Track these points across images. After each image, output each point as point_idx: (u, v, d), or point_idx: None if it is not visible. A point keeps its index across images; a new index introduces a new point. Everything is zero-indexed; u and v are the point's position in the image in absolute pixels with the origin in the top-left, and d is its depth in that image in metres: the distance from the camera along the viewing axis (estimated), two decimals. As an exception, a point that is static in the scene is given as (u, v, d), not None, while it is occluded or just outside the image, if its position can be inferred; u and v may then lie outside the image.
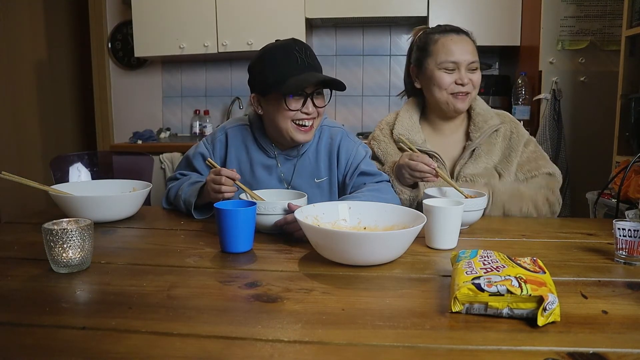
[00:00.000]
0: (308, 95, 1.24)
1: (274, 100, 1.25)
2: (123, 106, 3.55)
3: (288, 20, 2.95)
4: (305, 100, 1.24)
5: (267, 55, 1.25)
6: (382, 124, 1.56)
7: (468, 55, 1.38)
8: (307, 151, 1.37)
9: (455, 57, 1.37)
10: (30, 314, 0.70)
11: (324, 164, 1.37)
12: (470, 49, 1.40)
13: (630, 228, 0.90)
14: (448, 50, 1.38)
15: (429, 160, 1.23)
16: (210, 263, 0.93)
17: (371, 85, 3.38)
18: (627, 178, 1.64)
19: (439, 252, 1.00)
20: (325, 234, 0.89)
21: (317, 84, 1.24)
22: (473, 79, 1.39)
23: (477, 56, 1.41)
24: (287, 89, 1.20)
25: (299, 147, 1.35)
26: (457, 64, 1.38)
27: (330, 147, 1.37)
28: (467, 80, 1.38)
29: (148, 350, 0.59)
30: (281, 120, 1.25)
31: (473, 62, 1.39)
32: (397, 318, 0.68)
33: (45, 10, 3.42)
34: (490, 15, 2.84)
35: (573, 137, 2.58)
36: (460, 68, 1.38)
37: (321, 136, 1.38)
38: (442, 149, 1.45)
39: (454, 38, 1.40)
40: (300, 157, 1.36)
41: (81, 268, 0.87)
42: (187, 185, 1.31)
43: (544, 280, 0.70)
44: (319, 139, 1.38)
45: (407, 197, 1.34)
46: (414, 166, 1.24)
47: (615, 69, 2.23)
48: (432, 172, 1.22)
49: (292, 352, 0.59)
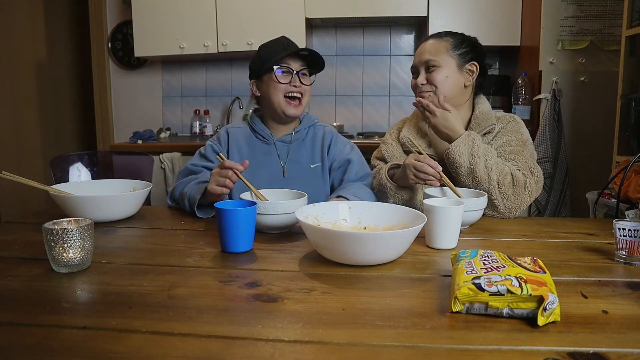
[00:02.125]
0: (295, 72, 1.45)
1: (267, 79, 1.47)
2: (123, 106, 3.55)
3: (288, 20, 2.95)
4: (292, 76, 1.45)
5: (261, 47, 1.52)
6: (392, 129, 1.60)
7: (423, 56, 1.41)
8: (303, 140, 1.55)
9: (414, 62, 1.46)
10: (31, 314, 0.70)
11: (318, 153, 1.54)
12: (428, 49, 1.41)
13: (630, 228, 0.91)
14: (414, 58, 1.47)
15: (434, 164, 1.22)
16: (210, 263, 0.93)
17: (371, 85, 3.38)
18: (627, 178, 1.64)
19: (439, 252, 1.00)
20: (325, 234, 0.89)
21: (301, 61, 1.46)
22: (429, 78, 1.40)
23: (440, 55, 1.39)
24: (274, 61, 1.43)
25: (292, 134, 1.53)
26: (416, 68, 1.44)
27: (323, 140, 1.55)
28: (423, 81, 1.41)
29: (148, 350, 0.59)
30: (273, 94, 1.46)
31: (427, 60, 1.40)
32: (397, 318, 0.68)
33: (45, 10, 3.42)
34: (490, 15, 2.84)
35: (573, 137, 2.58)
36: (420, 71, 1.43)
37: (316, 132, 1.57)
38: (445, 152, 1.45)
39: (420, 45, 1.46)
40: (292, 142, 1.53)
41: (81, 268, 0.87)
42: (194, 183, 1.36)
43: (544, 280, 0.70)
44: (314, 133, 1.57)
45: (399, 200, 1.35)
46: (419, 167, 1.23)
47: (615, 69, 2.24)
48: (437, 176, 1.22)
49: (293, 351, 0.59)
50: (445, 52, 1.40)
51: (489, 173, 1.27)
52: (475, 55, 1.43)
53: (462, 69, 1.41)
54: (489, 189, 1.27)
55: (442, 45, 1.41)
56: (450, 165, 1.31)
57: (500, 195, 1.28)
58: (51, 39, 3.49)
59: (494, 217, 1.32)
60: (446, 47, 1.40)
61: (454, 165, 1.30)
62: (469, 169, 1.28)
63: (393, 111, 3.36)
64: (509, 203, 1.28)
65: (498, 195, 1.28)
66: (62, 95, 3.67)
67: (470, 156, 1.28)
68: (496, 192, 1.28)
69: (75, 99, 3.81)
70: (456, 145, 1.30)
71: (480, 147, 1.29)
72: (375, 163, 1.55)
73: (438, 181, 1.23)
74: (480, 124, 1.42)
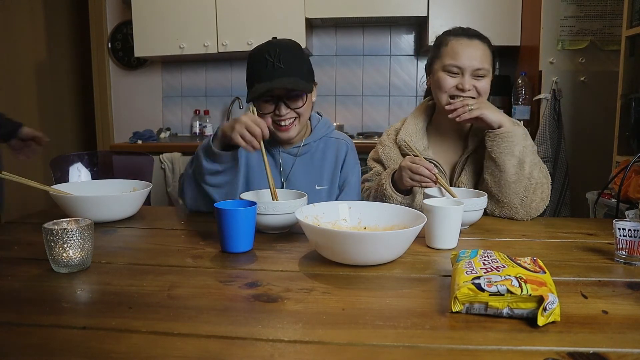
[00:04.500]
0: (280, 99, 1.30)
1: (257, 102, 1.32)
2: (123, 106, 3.56)
3: (288, 20, 2.95)
4: (277, 105, 1.30)
5: (249, 57, 1.35)
6: (390, 130, 1.54)
7: (474, 62, 1.34)
8: (312, 154, 1.41)
9: (460, 61, 1.34)
10: (30, 314, 0.70)
11: (328, 174, 1.41)
12: (479, 55, 1.35)
13: (630, 228, 0.90)
14: (455, 54, 1.35)
15: (430, 166, 1.22)
16: (210, 263, 0.93)
17: (371, 85, 3.38)
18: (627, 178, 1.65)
19: (439, 252, 1.00)
20: (325, 234, 0.89)
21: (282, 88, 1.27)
22: (477, 86, 1.35)
23: (488, 64, 1.36)
24: (251, 95, 1.28)
25: (299, 147, 1.40)
26: (462, 69, 1.34)
27: (336, 159, 1.42)
28: (470, 87, 1.34)
29: (148, 350, 0.59)
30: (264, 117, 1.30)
31: (479, 69, 1.34)
32: (397, 318, 0.68)
33: (45, 10, 3.42)
34: (490, 15, 2.84)
35: (573, 137, 2.58)
36: (465, 73, 1.34)
37: (328, 146, 1.43)
38: (444, 155, 1.44)
39: (464, 42, 1.36)
40: (299, 155, 1.40)
41: (81, 268, 0.87)
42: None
43: (544, 280, 0.70)
44: (325, 147, 1.42)
45: (398, 203, 1.33)
46: (415, 169, 1.23)
47: (615, 69, 2.24)
48: (432, 178, 1.21)
49: (293, 352, 0.59)
50: (489, 61, 1.37)
51: (531, 170, 1.27)
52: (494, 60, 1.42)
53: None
54: (527, 185, 1.26)
55: (488, 52, 1.38)
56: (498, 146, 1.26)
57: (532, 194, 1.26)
58: (51, 39, 3.49)
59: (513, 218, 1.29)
60: (490, 55, 1.38)
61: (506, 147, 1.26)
62: (519, 160, 1.26)
63: (393, 111, 3.36)
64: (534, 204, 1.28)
65: (531, 194, 1.26)
66: (62, 95, 3.67)
67: (523, 147, 1.26)
68: (530, 191, 1.26)
69: (75, 99, 3.80)
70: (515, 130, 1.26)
71: (529, 141, 1.29)
72: (371, 165, 1.52)
73: (434, 183, 1.23)
74: (478, 129, 1.40)
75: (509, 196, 1.27)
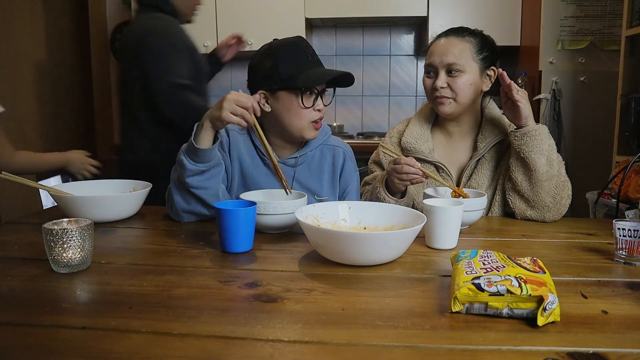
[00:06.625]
0: (319, 93, 1.25)
1: (285, 98, 1.24)
2: (123, 106, 3.55)
3: (288, 20, 2.95)
4: (316, 98, 1.25)
5: (277, 51, 1.23)
6: (392, 132, 1.51)
7: (444, 57, 1.30)
8: (309, 164, 1.36)
9: (432, 59, 1.32)
10: (30, 314, 0.70)
11: (327, 183, 1.36)
12: (453, 50, 1.30)
13: (630, 228, 0.91)
14: (430, 54, 1.34)
15: (412, 162, 1.18)
16: (210, 263, 0.93)
17: (371, 85, 3.38)
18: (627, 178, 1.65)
19: (439, 252, 1.00)
20: (325, 234, 0.89)
21: (330, 80, 1.24)
22: (451, 83, 1.30)
23: (467, 59, 1.30)
24: (306, 82, 1.21)
25: (297, 158, 1.33)
26: (435, 68, 1.32)
27: (334, 168, 1.37)
28: (443, 84, 1.30)
29: (148, 350, 0.59)
30: (295, 118, 1.24)
31: (451, 63, 1.29)
32: (397, 318, 0.68)
33: (45, 10, 3.42)
34: (490, 15, 2.84)
35: (573, 137, 2.58)
36: (439, 72, 1.31)
37: (324, 153, 1.37)
38: (450, 157, 1.41)
39: (441, 41, 1.34)
40: (297, 165, 1.34)
41: (81, 268, 0.87)
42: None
43: (544, 280, 0.70)
44: (322, 155, 1.37)
45: None
46: (399, 170, 1.19)
47: (615, 69, 2.24)
48: (419, 173, 1.17)
49: (292, 352, 0.59)
50: (470, 56, 1.30)
51: (559, 167, 1.27)
52: (494, 59, 1.36)
53: (482, 75, 1.34)
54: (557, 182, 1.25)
55: (467, 47, 1.31)
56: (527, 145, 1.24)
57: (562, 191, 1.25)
58: (51, 39, 3.49)
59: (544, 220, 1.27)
60: (470, 50, 1.31)
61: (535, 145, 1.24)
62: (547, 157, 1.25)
63: (393, 111, 3.36)
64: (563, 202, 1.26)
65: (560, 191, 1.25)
66: (63, 95, 3.67)
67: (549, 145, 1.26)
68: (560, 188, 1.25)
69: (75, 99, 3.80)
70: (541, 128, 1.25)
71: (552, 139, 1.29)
72: (372, 168, 1.48)
73: (423, 177, 1.18)
74: (492, 130, 1.38)
75: (541, 194, 1.25)
